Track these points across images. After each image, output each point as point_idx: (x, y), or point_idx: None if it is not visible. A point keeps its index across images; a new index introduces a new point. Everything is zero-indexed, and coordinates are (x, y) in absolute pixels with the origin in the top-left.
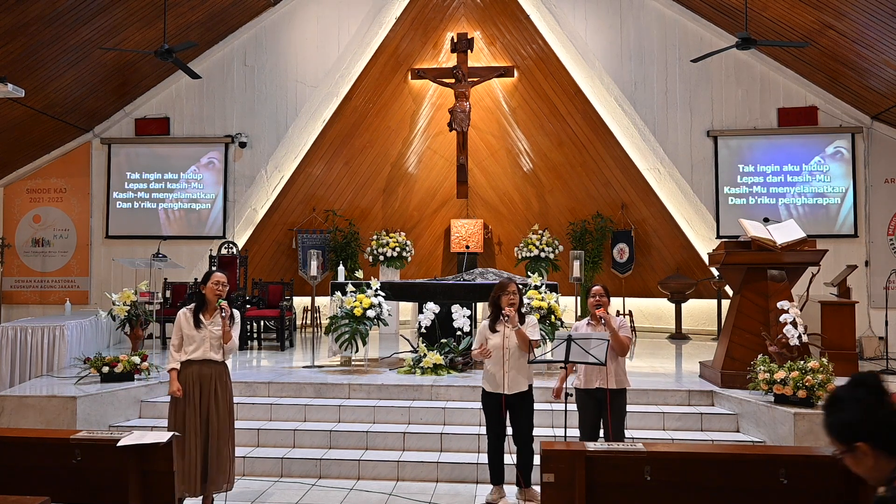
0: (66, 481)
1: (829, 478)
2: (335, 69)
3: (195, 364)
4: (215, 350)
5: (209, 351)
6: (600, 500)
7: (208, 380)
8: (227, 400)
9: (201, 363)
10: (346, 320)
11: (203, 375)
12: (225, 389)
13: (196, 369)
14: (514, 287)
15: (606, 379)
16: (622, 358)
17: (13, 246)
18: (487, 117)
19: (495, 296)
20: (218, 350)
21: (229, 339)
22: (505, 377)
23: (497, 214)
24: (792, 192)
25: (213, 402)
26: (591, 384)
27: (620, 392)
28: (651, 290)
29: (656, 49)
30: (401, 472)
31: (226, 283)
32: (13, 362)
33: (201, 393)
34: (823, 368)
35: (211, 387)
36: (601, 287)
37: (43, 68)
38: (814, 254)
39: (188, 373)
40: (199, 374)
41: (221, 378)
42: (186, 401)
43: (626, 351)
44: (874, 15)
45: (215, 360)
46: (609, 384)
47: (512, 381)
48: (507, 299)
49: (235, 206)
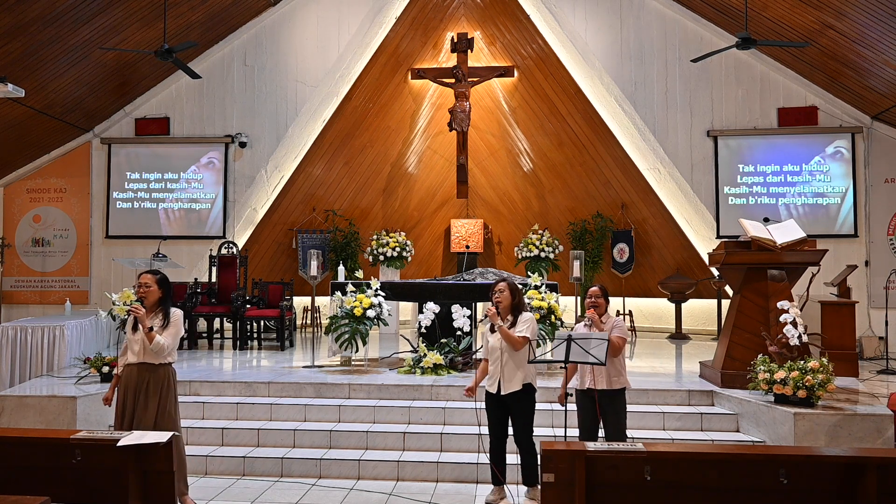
0: (66, 481)
1: (829, 478)
2: (335, 69)
3: (131, 367)
4: (144, 353)
5: (141, 354)
6: (600, 500)
7: (140, 383)
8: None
9: (137, 366)
10: (346, 320)
11: (135, 378)
12: (159, 393)
13: (132, 372)
14: (502, 285)
15: (596, 379)
16: (617, 358)
17: (13, 246)
18: (487, 117)
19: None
20: (147, 353)
21: (151, 340)
22: (498, 377)
23: (497, 214)
24: (792, 192)
25: (139, 406)
26: (584, 385)
27: (618, 392)
28: (651, 290)
29: (656, 49)
30: (401, 472)
31: (149, 285)
32: (13, 362)
33: (134, 396)
34: (823, 368)
35: (143, 390)
36: (598, 288)
37: (43, 68)
38: (814, 254)
39: (125, 376)
40: (132, 377)
41: (155, 380)
42: (122, 406)
43: (617, 352)
44: (874, 15)
45: (147, 362)
46: (600, 384)
47: (505, 381)
48: (494, 298)
49: (235, 206)
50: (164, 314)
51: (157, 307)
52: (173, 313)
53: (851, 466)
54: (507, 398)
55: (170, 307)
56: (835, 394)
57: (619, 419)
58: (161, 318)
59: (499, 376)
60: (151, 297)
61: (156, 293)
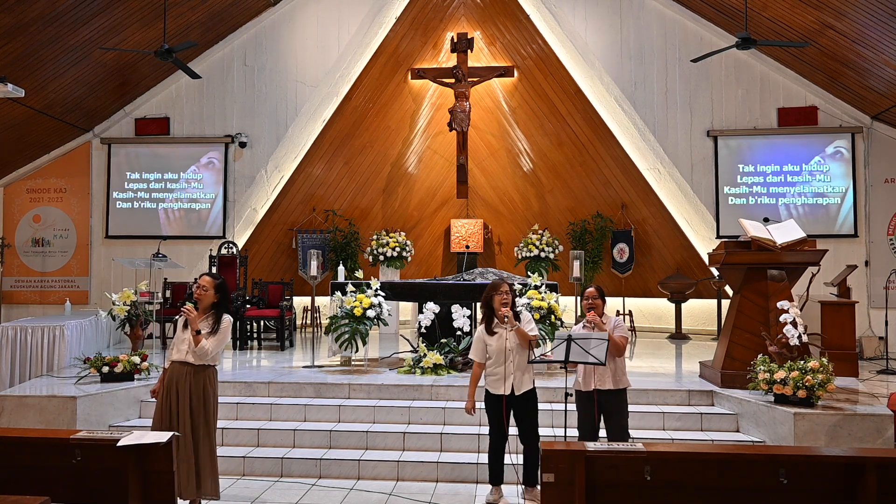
0: (66, 481)
1: (829, 478)
2: (335, 69)
3: (175, 365)
4: (189, 353)
5: (185, 354)
6: (600, 500)
7: (180, 382)
8: (197, 405)
9: (180, 364)
10: (346, 320)
11: (178, 376)
12: (194, 393)
13: (175, 370)
14: (507, 287)
15: (603, 379)
16: (620, 358)
17: (13, 246)
18: (487, 117)
19: (487, 296)
20: (192, 353)
21: (196, 344)
22: (511, 379)
23: (497, 214)
24: (792, 192)
25: (180, 405)
26: (588, 386)
27: (620, 392)
28: (651, 290)
29: (656, 49)
30: (401, 472)
31: (206, 288)
32: (13, 362)
33: (177, 394)
34: (823, 368)
35: (182, 389)
36: (594, 289)
37: (43, 68)
38: (814, 254)
39: (169, 372)
40: (175, 375)
41: (197, 381)
42: (162, 400)
43: (621, 351)
44: (874, 15)
45: (189, 362)
46: (606, 385)
47: (518, 382)
48: (500, 299)
49: (235, 206)
50: (216, 319)
51: (210, 311)
52: (224, 320)
53: (851, 466)
54: (520, 398)
55: (223, 313)
56: (835, 394)
57: (623, 418)
58: (211, 323)
59: (510, 377)
60: (206, 301)
61: (211, 297)
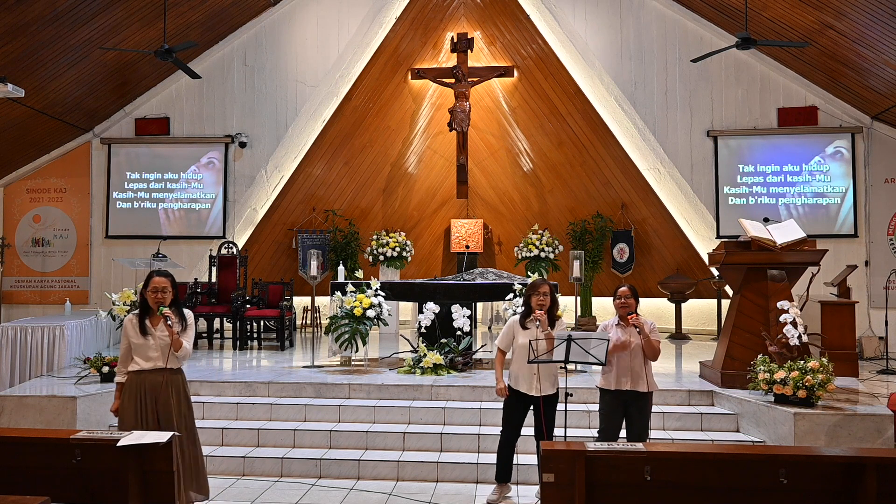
0: (66, 481)
1: (829, 478)
2: (335, 69)
3: (146, 373)
4: (165, 358)
5: (159, 360)
6: (600, 500)
7: (161, 388)
8: (186, 409)
9: (155, 373)
10: (346, 320)
11: (155, 384)
12: (180, 397)
13: (148, 378)
14: (547, 288)
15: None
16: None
17: (13, 246)
18: (487, 117)
19: (527, 294)
20: (170, 358)
21: (179, 347)
22: (538, 379)
23: (497, 214)
24: (792, 192)
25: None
26: (622, 385)
27: (650, 395)
28: (651, 290)
29: (656, 49)
30: (401, 472)
31: (166, 289)
32: (13, 362)
33: (157, 404)
34: (823, 368)
35: (164, 397)
36: (627, 288)
37: (43, 68)
38: (814, 254)
39: (139, 383)
40: (151, 384)
41: (175, 385)
42: (139, 414)
43: (657, 355)
44: (874, 15)
45: (167, 368)
46: (639, 387)
47: (544, 382)
48: (537, 300)
49: (235, 206)
50: (181, 316)
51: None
52: (188, 315)
53: (851, 466)
54: (542, 399)
55: (182, 308)
56: (835, 394)
57: (647, 420)
58: (178, 321)
59: (536, 378)
60: (168, 301)
61: (171, 296)
